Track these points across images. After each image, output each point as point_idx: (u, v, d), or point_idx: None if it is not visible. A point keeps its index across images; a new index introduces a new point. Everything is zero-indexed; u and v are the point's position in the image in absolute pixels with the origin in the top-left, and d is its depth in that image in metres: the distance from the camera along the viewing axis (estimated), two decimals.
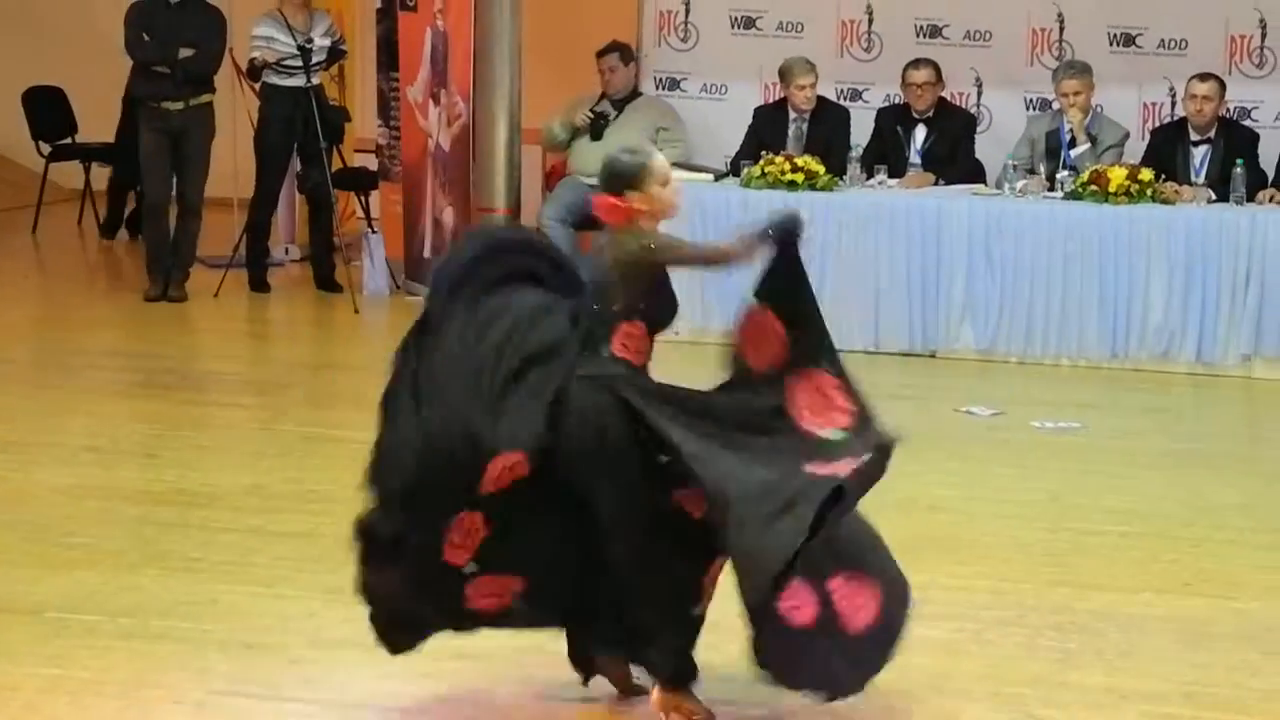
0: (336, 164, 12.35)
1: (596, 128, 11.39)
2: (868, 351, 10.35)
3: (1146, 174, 10.24)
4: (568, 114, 11.60)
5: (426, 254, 11.72)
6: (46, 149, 14.21)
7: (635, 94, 11.67)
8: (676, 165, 10.96)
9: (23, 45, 15.30)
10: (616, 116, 11.49)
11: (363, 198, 13.08)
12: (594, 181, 11.21)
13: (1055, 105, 11.03)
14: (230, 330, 11.02)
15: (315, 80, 11.56)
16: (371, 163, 13.10)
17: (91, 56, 13.95)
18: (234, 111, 12.55)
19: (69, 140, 14.35)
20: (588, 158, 11.46)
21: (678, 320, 10.14)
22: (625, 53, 11.70)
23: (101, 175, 14.29)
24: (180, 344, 10.49)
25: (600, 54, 11.62)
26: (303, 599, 6.17)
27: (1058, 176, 10.53)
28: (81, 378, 9.48)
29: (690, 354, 10.17)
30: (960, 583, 6.54)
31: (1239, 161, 10.21)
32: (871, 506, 7.32)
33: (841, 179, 10.71)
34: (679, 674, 5.06)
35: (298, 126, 11.52)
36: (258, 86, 11.78)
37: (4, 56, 15.26)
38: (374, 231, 12.11)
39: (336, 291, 11.73)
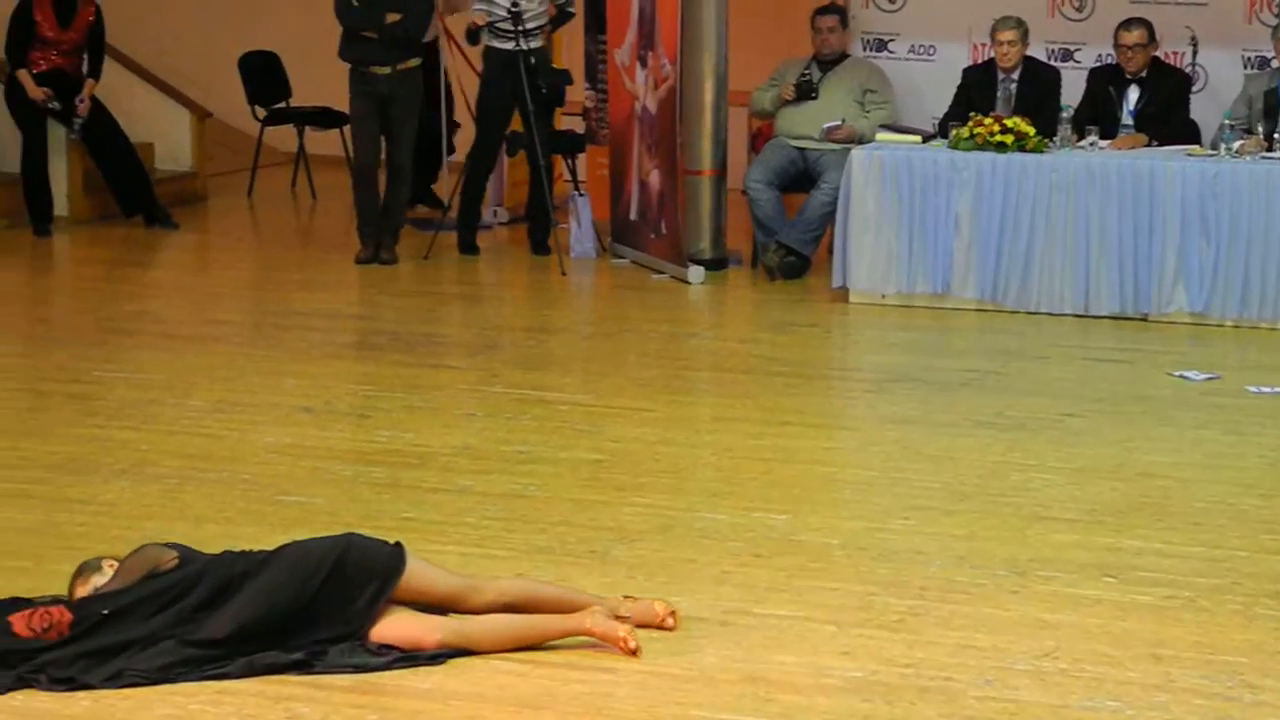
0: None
1: (803, 91, 11.33)
2: (1078, 315, 10.22)
3: None
4: (776, 82, 11.54)
5: (633, 216, 11.76)
6: (262, 113, 14.45)
7: (843, 56, 11.59)
8: (884, 127, 11.00)
9: (239, 11, 15.56)
10: (822, 79, 11.42)
11: (570, 160, 13.14)
12: (800, 144, 11.29)
13: (1274, 63, 10.79)
14: (440, 293, 11.15)
15: (531, 44, 11.59)
16: (579, 125, 13.16)
17: (306, 22, 14.15)
18: (441, 76, 12.68)
19: (283, 105, 14.57)
20: (795, 120, 11.42)
21: (884, 283, 10.14)
22: (844, 15, 11.62)
23: (315, 139, 14.50)
24: (391, 306, 10.62)
25: (819, 13, 11.54)
26: (512, 559, 6.24)
27: (1276, 136, 10.30)
28: (295, 339, 9.65)
29: (900, 316, 10.20)
30: (1173, 549, 6.46)
31: None
32: (1084, 473, 7.29)
33: (1052, 140, 10.56)
34: None
35: (510, 89, 11.56)
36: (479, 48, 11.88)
37: (221, 23, 15.53)
38: (581, 194, 12.16)
39: (545, 254, 11.81)
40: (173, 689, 5.11)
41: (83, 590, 5.40)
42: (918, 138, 10.89)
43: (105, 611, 5.27)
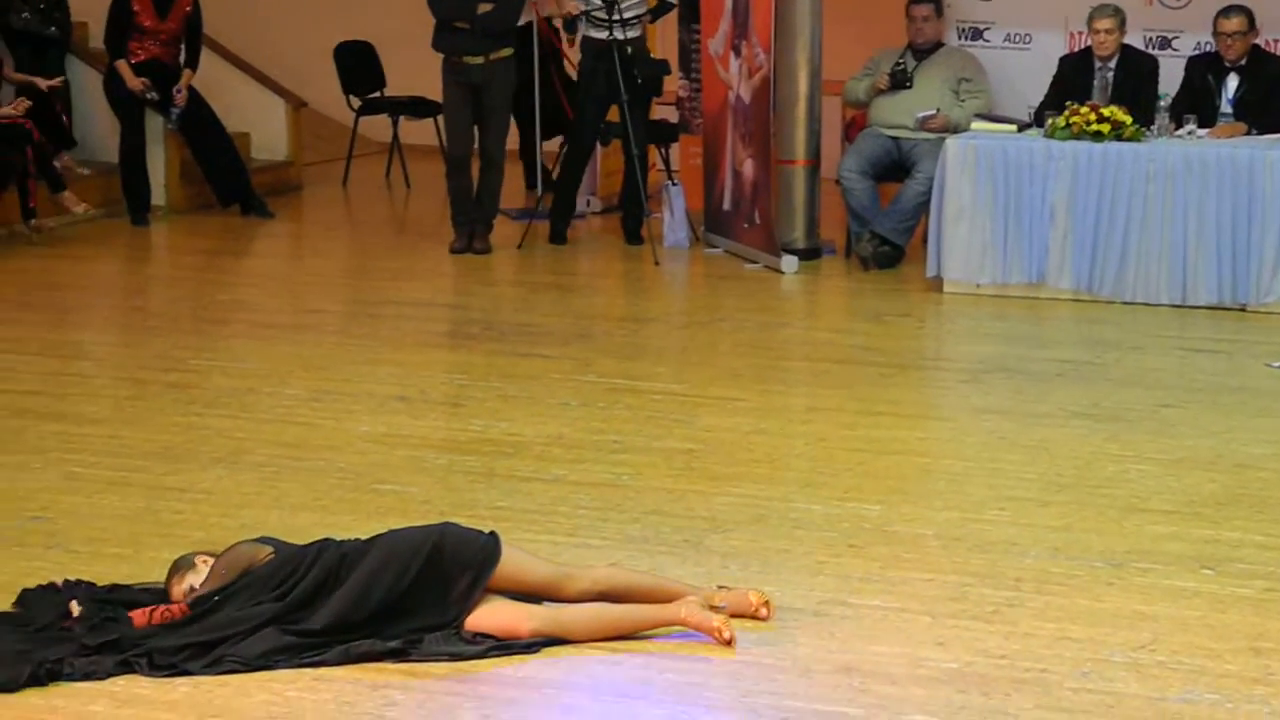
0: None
1: (898, 80, 11.28)
2: (1175, 305, 10.14)
3: None
4: (870, 72, 11.49)
5: (726, 206, 11.75)
6: (356, 103, 14.53)
7: (938, 45, 11.53)
8: (979, 117, 10.94)
9: (334, 2, 15.65)
10: (917, 68, 11.37)
11: (663, 150, 13.14)
12: (894, 134, 11.24)
13: None
14: (533, 282, 11.18)
15: (629, 33, 11.58)
16: (673, 115, 13.16)
17: (400, 12, 14.21)
18: (535, 65, 12.72)
19: (378, 94, 14.65)
20: (889, 110, 11.38)
21: (979, 273, 10.11)
22: (939, 4, 11.55)
23: (409, 129, 14.57)
24: (485, 295, 10.66)
25: (913, 2, 11.48)
26: (607, 548, 6.25)
27: None
28: (389, 328, 9.70)
29: (995, 306, 10.15)
30: (1273, 541, 6.41)
31: None
32: (1181, 464, 7.23)
33: (1149, 129, 10.47)
34: None
35: (606, 79, 11.56)
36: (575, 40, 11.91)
37: (317, 13, 15.62)
38: (674, 184, 12.16)
39: (638, 244, 11.81)
40: (270, 676, 5.15)
41: (178, 588, 5.45)
42: (1013, 127, 10.82)
43: (217, 598, 5.33)
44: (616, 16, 11.44)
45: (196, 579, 5.45)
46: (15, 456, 7.28)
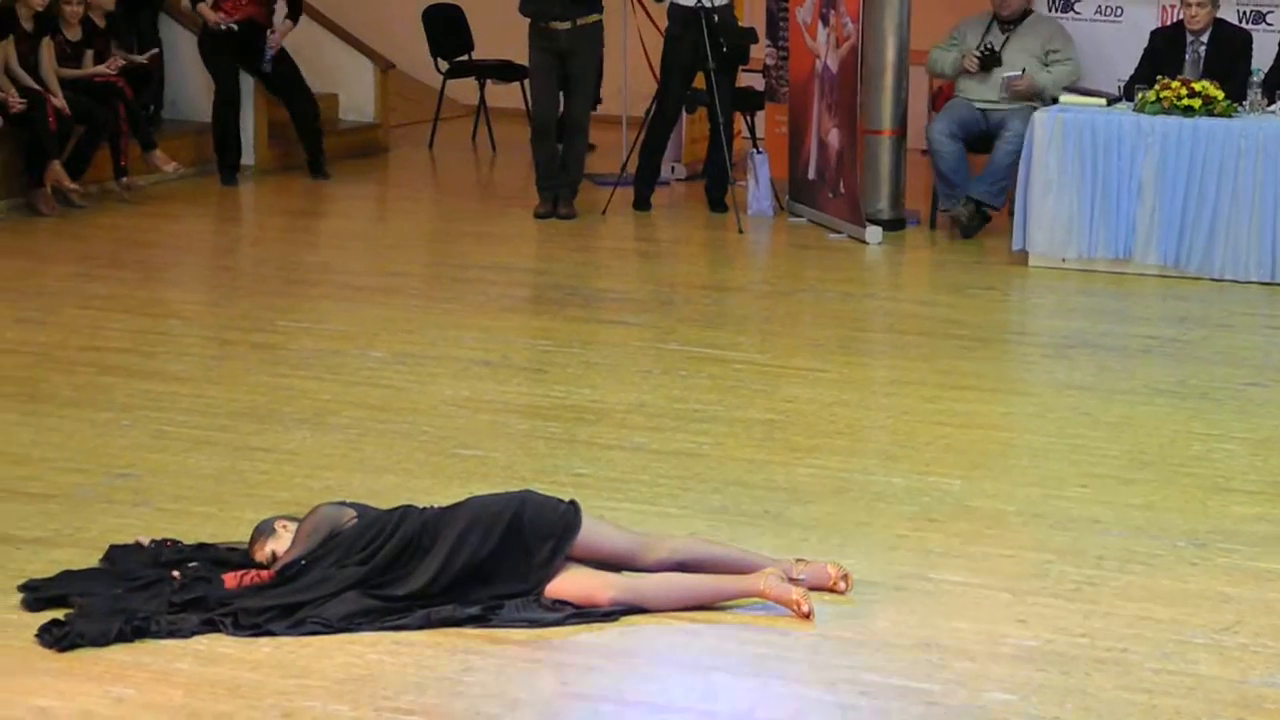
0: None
1: (987, 62, 11.20)
2: (1264, 283, 10.06)
3: None
4: (956, 42, 11.42)
5: (811, 175, 11.72)
6: (444, 66, 14.56)
7: (1025, 14, 11.45)
8: (1068, 90, 10.86)
9: None
10: (1006, 41, 11.28)
11: (749, 118, 13.12)
12: (983, 105, 11.17)
13: None
14: (617, 248, 11.19)
15: (716, 1, 11.56)
16: (758, 83, 13.13)
17: None
18: (624, 31, 12.72)
19: (465, 58, 14.68)
20: (976, 87, 11.31)
21: (1065, 247, 10.06)
22: None
23: (495, 92, 14.59)
24: (568, 261, 10.68)
25: None
26: (686, 518, 6.27)
27: None
28: (474, 292, 9.74)
29: (1080, 280, 10.09)
30: None
31: None
32: (1267, 444, 7.18)
33: (1241, 105, 10.38)
34: None
35: (693, 47, 11.54)
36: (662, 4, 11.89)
37: None
38: (759, 152, 12.14)
39: (722, 212, 11.81)
40: (352, 638, 5.19)
41: (260, 555, 5.51)
42: (1103, 100, 10.74)
43: (303, 562, 5.38)
44: None
45: (278, 544, 5.50)
46: (104, 414, 7.36)
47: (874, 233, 11.09)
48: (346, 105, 14.31)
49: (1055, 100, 10.83)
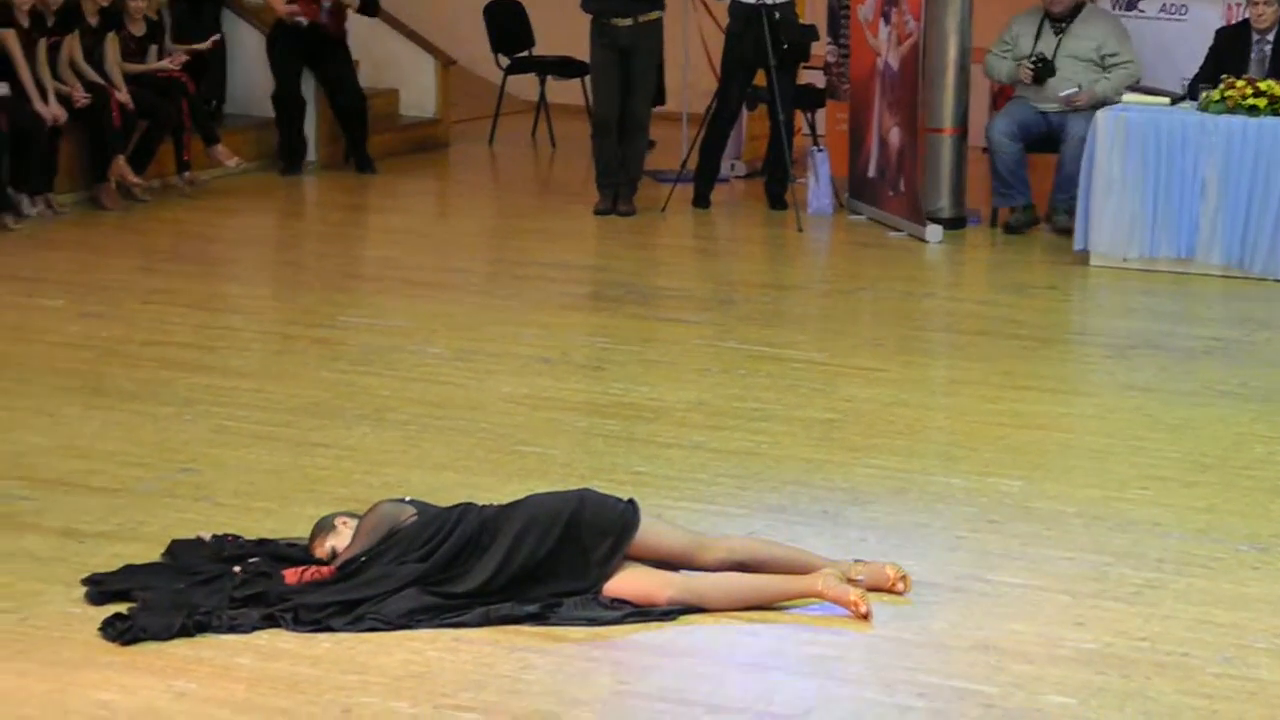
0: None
1: (1041, 73, 11.12)
2: None
3: None
4: (1009, 46, 11.34)
5: (871, 173, 11.70)
6: (505, 62, 14.59)
7: (1076, 9, 11.32)
8: (1131, 89, 10.80)
9: None
10: (1059, 44, 11.15)
11: (809, 115, 13.10)
12: (1044, 107, 11.12)
13: None
14: (676, 246, 11.19)
15: None
16: (819, 80, 13.11)
17: None
18: (684, 28, 12.71)
19: (526, 54, 14.70)
20: (1034, 92, 11.25)
21: (1127, 246, 9.99)
22: None
23: (556, 88, 14.61)
24: (628, 258, 10.69)
25: None
26: (744, 517, 6.27)
27: None
28: (533, 289, 9.75)
29: (1142, 280, 10.04)
30: None
31: None
32: None
33: None
34: None
35: (753, 44, 11.53)
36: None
37: None
38: (820, 149, 12.12)
39: (782, 209, 11.79)
40: (411, 635, 5.22)
41: (320, 551, 5.54)
42: (1166, 100, 10.69)
43: (363, 559, 5.41)
44: None
45: (338, 541, 5.53)
46: (166, 408, 7.41)
47: (934, 231, 11.06)
48: (407, 101, 14.35)
49: (1117, 100, 10.78)
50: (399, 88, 14.24)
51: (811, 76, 12.99)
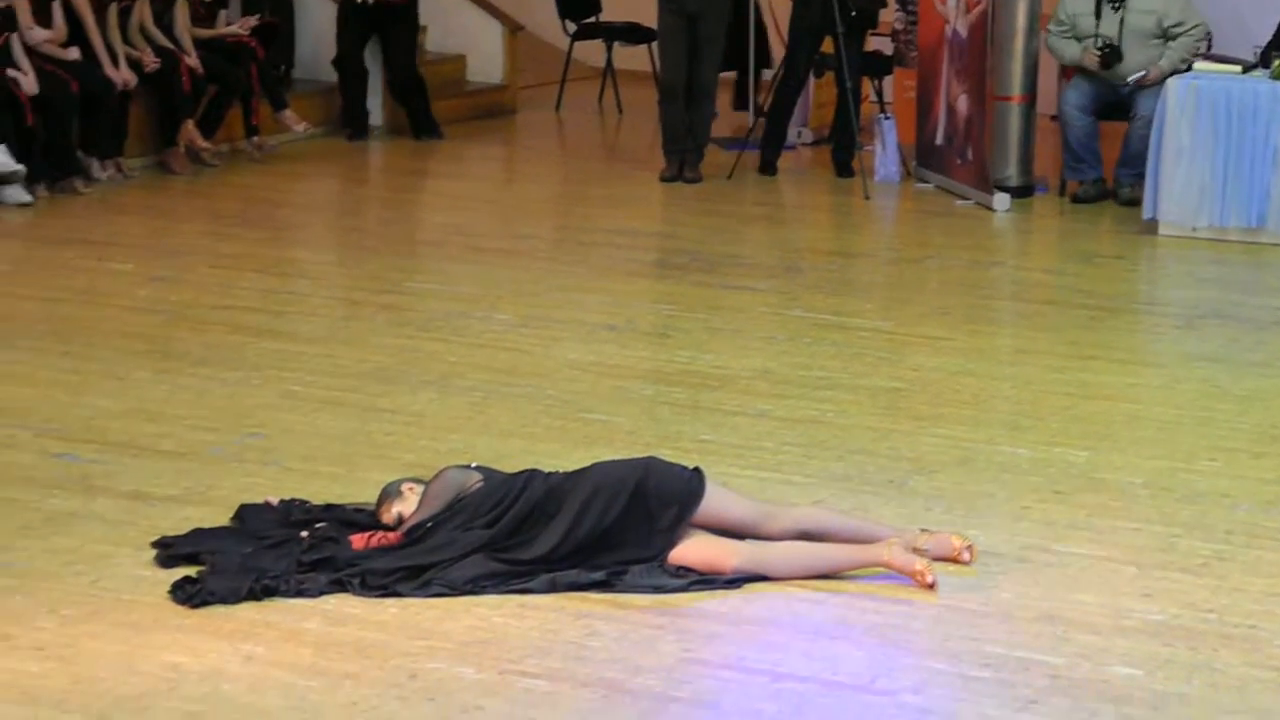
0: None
1: (1109, 60, 11.01)
2: None
3: None
4: (1065, 25, 11.22)
5: (939, 141, 11.65)
6: (572, 28, 14.58)
7: None
8: (1203, 57, 10.70)
9: None
10: (1121, 22, 11.03)
11: (877, 82, 13.05)
12: (1114, 82, 11.00)
13: None
14: (742, 213, 11.17)
15: None
16: (887, 47, 13.05)
17: None
18: None
19: (593, 19, 14.69)
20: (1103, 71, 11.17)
21: (1196, 215, 9.91)
22: None
23: (623, 55, 14.59)
24: (694, 225, 10.68)
25: None
26: (811, 486, 6.27)
27: None
28: (599, 256, 9.76)
29: (1211, 250, 9.97)
30: None
31: None
32: None
33: None
34: None
35: (821, 10, 11.48)
36: None
37: None
38: (887, 117, 12.07)
39: (849, 177, 11.76)
40: (477, 601, 5.24)
41: (387, 517, 5.56)
42: (1238, 68, 10.59)
43: (429, 524, 5.44)
44: None
45: (404, 507, 5.56)
46: (235, 373, 7.45)
47: (1002, 200, 11.01)
48: (475, 66, 14.36)
49: (1188, 68, 10.70)
50: (466, 54, 14.25)
51: (879, 43, 12.92)
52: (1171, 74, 10.72)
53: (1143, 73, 10.95)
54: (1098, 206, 11.04)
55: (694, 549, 5.44)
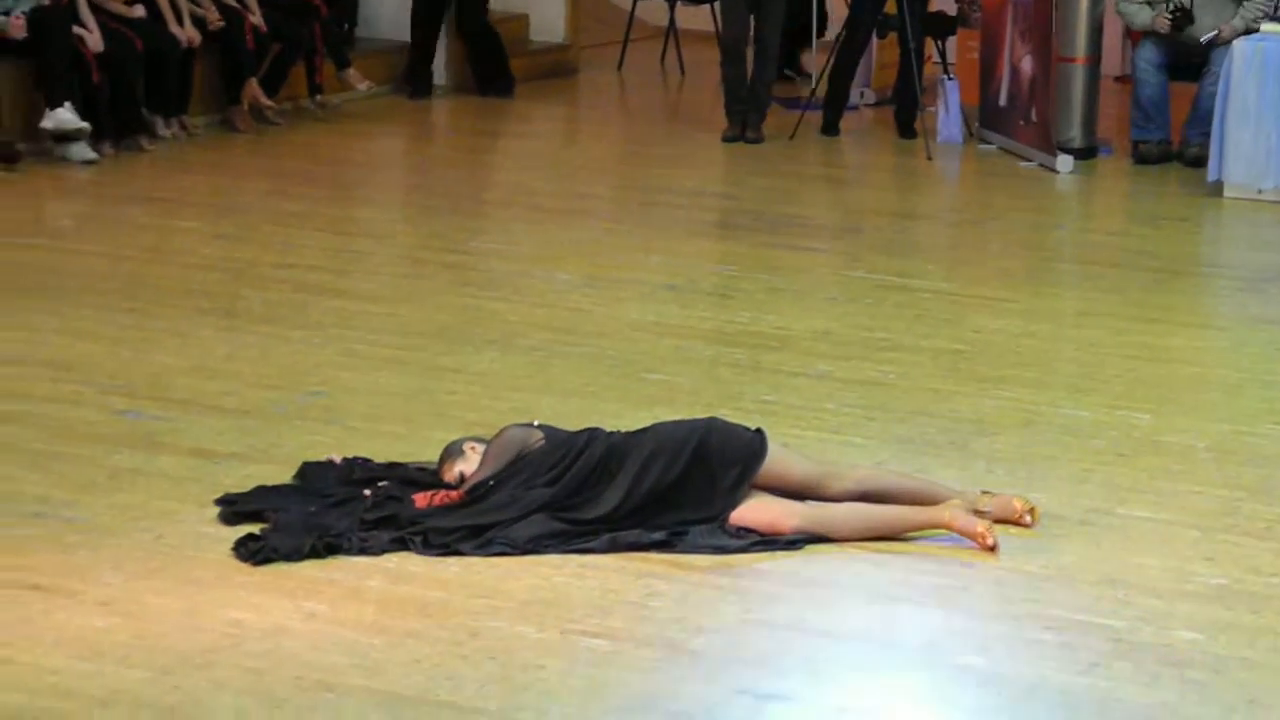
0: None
1: (1179, 23, 10.92)
2: None
3: None
4: None
5: (1002, 102, 11.58)
6: None
7: None
8: (1270, 18, 10.60)
9: None
10: None
11: (940, 44, 12.97)
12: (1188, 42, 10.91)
13: None
14: (804, 173, 11.14)
15: None
16: (950, 8, 12.97)
17: None
18: None
19: None
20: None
21: (1262, 177, 9.84)
22: None
23: (686, 14, 14.54)
24: (755, 185, 10.66)
25: None
26: (871, 447, 6.26)
27: None
28: (660, 215, 9.76)
29: (1277, 212, 9.89)
30: None
31: None
32: None
33: None
34: None
35: None
36: None
37: None
38: (950, 78, 12.01)
39: (911, 138, 11.71)
40: (538, 560, 5.26)
41: (449, 476, 5.58)
42: None
43: (491, 483, 5.46)
44: None
45: (466, 466, 5.57)
46: (298, 331, 7.49)
47: (1065, 161, 10.95)
48: (537, 26, 14.33)
49: (1257, 29, 10.60)
50: (528, 13, 14.23)
51: (943, 4, 12.84)
52: (1245, 33, 10.62)
53: (1215, 32, 10.86)
54: (1162, 168, 10.97)
55: (755, 510, 5.44)
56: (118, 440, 6.17)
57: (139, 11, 10.93)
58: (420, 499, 5.48)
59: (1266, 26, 10.52)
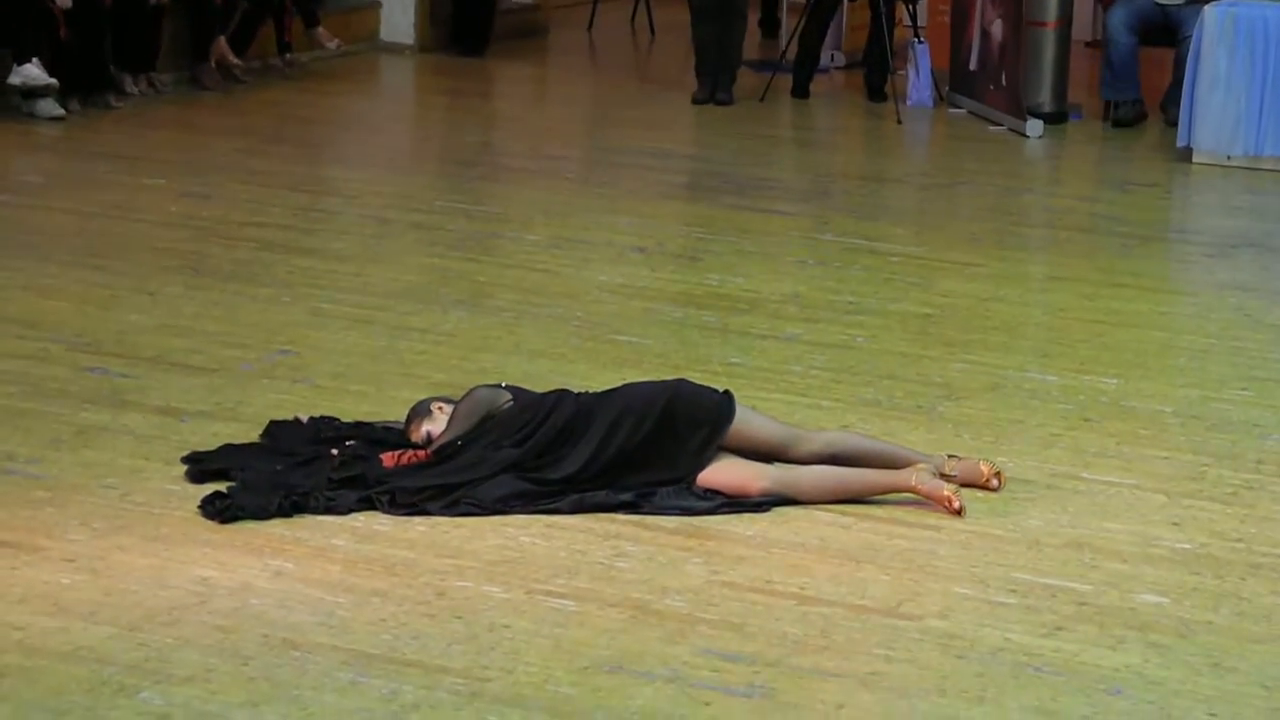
0: None
1: None
2: None
3: None
4: None
5: (972, 66, 11.58)
6: None
7: None
8: None
9: None
10: None
11: (910, 7, 12.95)
12: (1162, 1, 10.93)
13: None
14: (774, 136, 11.14)
15: None
16: None
17: None
18: None
19: None
20: None
21: (1231, 144, 9.86)
22: None
23: None
24: (725, 148, 10.65)
25: None
26: (838, 410, 6.27)
27: None
28: (629, 177, 9.74)
29: (1245, 178, 9.92)
30: None
31: None
32: None
33: None
34: None
35: None
36: None
37: None
38: (920, 41, 12.01)
39: (881, 101, 11.71)
40: (504, 520, 5.25)
41: (416, 435, 5.57)
42: None
43: (459, 443, 5.45)
44: None
45: (434, 426, 5.56)
46: (265, 289, 7.46)
47: (1034, 125, 10.96)
48: None
49: None
50: None
51: None
52: None
53: None
54: (1130, 133, 10.98)
55: (722, 471, 5.45)
56: (84, 397, 6.14)
57: None
58: (387, 458, 5.47)
59: None
